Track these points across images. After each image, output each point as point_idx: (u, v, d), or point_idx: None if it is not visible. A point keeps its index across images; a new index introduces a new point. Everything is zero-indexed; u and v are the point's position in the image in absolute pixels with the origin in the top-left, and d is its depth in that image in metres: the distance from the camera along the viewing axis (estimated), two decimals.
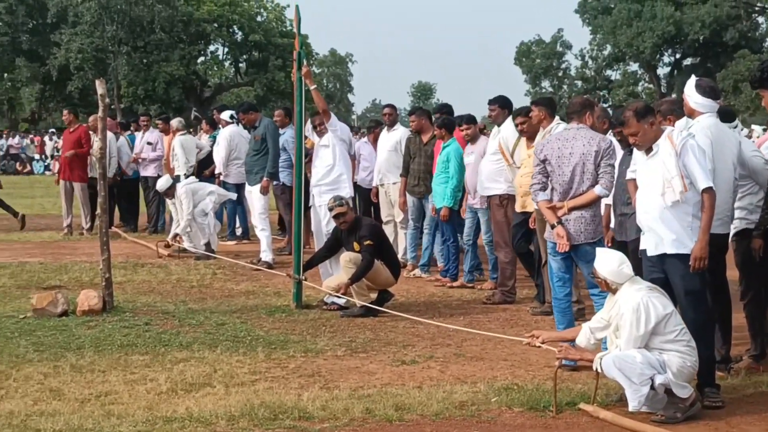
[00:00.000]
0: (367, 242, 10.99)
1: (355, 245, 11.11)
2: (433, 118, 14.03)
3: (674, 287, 7.27)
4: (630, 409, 6.81)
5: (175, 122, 18.65)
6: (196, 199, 15.62)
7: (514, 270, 11.89)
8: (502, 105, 12.15)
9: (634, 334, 6.85)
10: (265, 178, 14.63)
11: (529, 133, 11.01)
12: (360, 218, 11.73)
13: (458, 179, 12.74)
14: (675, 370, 6.84)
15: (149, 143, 19.53)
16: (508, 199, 11.74)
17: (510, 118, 11.62)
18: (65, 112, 20.04)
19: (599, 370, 6.96)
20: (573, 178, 8.36)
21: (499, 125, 12.03)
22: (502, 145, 11.67)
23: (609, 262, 7.22)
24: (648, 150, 7.36)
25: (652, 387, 6.75)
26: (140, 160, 19.56)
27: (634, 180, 7.71)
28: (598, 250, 7.51)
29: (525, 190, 10.98)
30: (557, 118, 10.47)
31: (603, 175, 8.31)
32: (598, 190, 8.32)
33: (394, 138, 14.45)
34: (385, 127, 15.00)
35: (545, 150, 8.51)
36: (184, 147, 17.78)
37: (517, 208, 11.30)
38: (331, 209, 11.33)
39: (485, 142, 12.62)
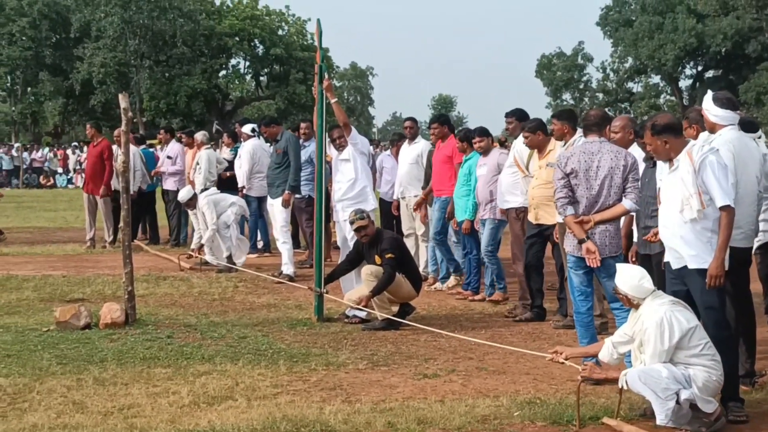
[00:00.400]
0: (389, 255, 10.97)
1: (377, 258, 11.10)
2: (430, 129, 14.08)
3: (697, 304, 7.24)
4: (657, 422, 6.76)
5: (200, 136, 18.68)
6: (218, 210, 15.67)
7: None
8: (519, 117, 12.14)
9: (658, 349, 6.82)
10: (286, 191, 14.66)
11: (534, 146, 11.12)
12: (381, 231, 11.71)
13: None
14: (700, 385, 6.80)
15: (169, 157, 19.62)
16: (524, 212, 11.70)
17: None
18: (88, 126, 20.18)
19: (625, 387, 6.93)
20: (601, 191, 8.33)
21: (516, 137, 12.02)
22: (517, 158, 11.68)
23: (629, 277, 7.19)
24: (671, 163, 7.34)
25: (677, 402, 6.71)
26: (162, 174, 19.66)
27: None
28: (618, 266, 7.48)
29: (537, 201, 11.01)
30: (579, 130, 10.46)
31: (631, 189, 8.29)
32: (627, 204, 8.29)
33: (415, 151, 14.44)
34: (406, 140, 14.99)
35: (570, 163, 8.43)
36: (210, 161, 17.83)
37: (532, 220, 11.28)
38: (352, 222, 11.32)
39: (497, 154, 12.59)
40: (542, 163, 11.05)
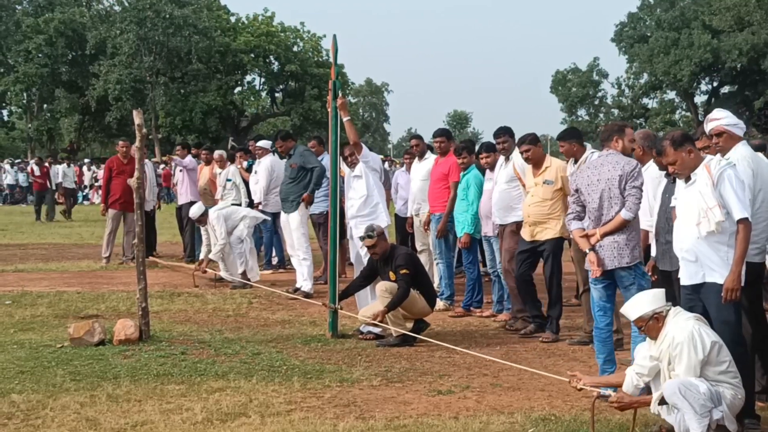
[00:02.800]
0: (403, 271, 10.96)
1: (391, 274, 11.08)
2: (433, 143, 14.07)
3: (712, 319, 7.19)
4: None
5: (225, 153, 18.96)
6: (230, 225, 15.66)
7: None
8: (511, 134, 12.11)
9: (694, 360, 6.74)
10: (306, 194, 14.60)
11: (534, 161, 11.18)
12: (395, 247, 11.69)
13: (479, 206, 12.66)
14: (728, 403, 6.75)
15: (181, 170, 19.69)
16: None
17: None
18: (124, 143, 19.65)
19: (656, 412, 6.87)
20: (602, 204, 8.45)
21: (510, 154, 11.92)
22: (519, 172, 11.69)
23: (640, 300, 7.15)
24: (687, 178, 7.30)
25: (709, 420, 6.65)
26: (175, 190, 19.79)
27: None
28: (626, 304, 7.38)
29: (534, 219, 11.02)
30: (589, 146, 10.52)
31: (628, 197, 8.38)
32: (623, 213, 8.38)
33: (426, 167, 14.34)
34: (416, 157, 14.91)
35: (577, 180, 8.66)
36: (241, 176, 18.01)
37: (526, 237, 11.27)
38: (362, 239, 11.33)
39: None
40: (538, 180, 11.10)
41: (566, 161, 10.88)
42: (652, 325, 7.08)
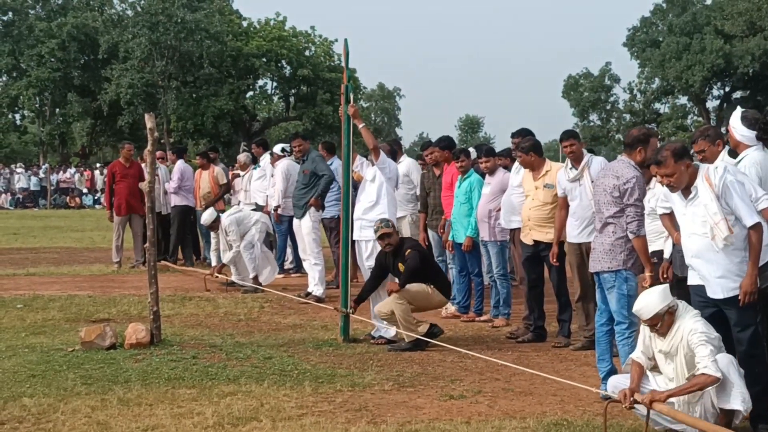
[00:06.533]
0: (408, 251, 11.09)
1: (400, 266, 11.09)
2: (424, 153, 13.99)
3: (732, 324, 7.16)
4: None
5: (243, 157, 19.27)
6: (242, 229, 15.65)
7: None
8: (525, 136, 12.08)
9: (714, 340, 6.91)
10: (313, 198, 14.58)
11: (527, 166, 11.24)
12: (404, 239, 11.70)
13: None
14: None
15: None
16: None
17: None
18: (129, 146, 19.71)
19: (677, 405, 6.92)
20: (599, 207, 8.52)
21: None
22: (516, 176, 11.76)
23: (651, 299, 7.11)
24: (686, 192, 7.25)
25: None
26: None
27: (668, 215, 7.71)
28: (636, 304, 7.33)
29: (534, 222, 11.02)
30: (584, 150, 10.60)
31: (627, 216, 8.30)
32: (630, 236, 8.29)
33: (399, 171, 14.22)
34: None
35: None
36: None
37: (527, 241, 11.25)
38: (376, 231, 11.29)
39: (502, 173, 12.48)
40: (539, 184, 11.07)
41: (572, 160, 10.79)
42: (666, 321, 7.07)
